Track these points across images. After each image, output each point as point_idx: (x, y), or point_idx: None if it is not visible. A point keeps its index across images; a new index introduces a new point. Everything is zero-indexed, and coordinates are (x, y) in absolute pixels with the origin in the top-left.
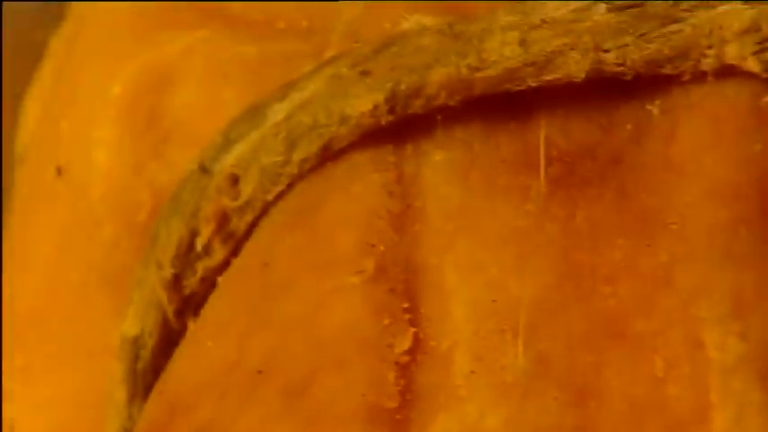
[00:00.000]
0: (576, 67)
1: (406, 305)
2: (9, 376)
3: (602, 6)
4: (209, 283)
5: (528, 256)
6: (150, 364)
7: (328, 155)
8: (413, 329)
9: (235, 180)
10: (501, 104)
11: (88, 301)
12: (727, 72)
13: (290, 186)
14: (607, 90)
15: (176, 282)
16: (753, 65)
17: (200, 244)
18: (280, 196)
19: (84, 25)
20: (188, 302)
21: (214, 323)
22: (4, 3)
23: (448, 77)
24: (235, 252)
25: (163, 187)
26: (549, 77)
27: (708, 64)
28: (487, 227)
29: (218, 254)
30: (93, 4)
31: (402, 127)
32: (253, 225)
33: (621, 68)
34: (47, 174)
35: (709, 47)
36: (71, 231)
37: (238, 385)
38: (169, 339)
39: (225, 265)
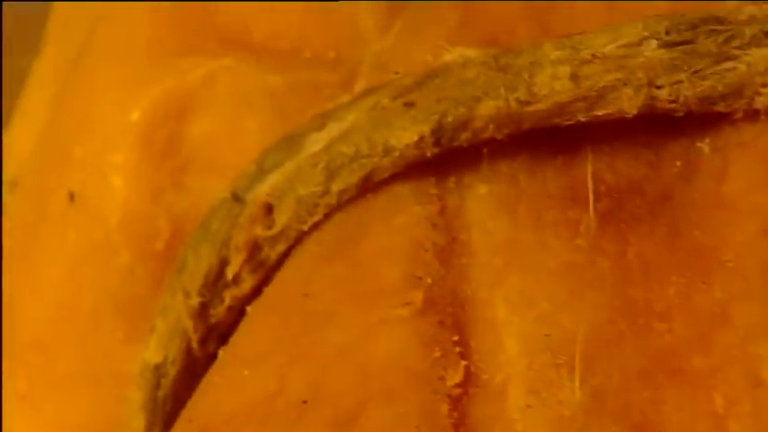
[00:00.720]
0: (628, 103)
1: (455, 338)
2: (10, 401)
3: (654, 42)
4: (235, 312)
5: (580, 291)
6: (171, 393)
7: (369, 186)
8: (464, 362)
9: (269, 209)
10: (546, 138)
11: (99, 328)
12: None
13: (327, 217)
14: (655, 126)
15: (203, 310)
16: None
17: (230, 273)
18: (316, 226)
19: (93, 50)
20: (212, 331)
21: (250, 352)
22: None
23: (497, 110)
24: (264, 281)
25: (181, 215)
26: (599, 113)
27: (761, 102)
28: (538, 261)
29: (247, 283)
30: (99, 30)
31: (444, 159)
32: (285, 255)
33: (674, 105)
34: (56, 199)
35: (764, 85)
36: (84, 257)
37: (281, 415)
38: (191, 368)
39: (253, 294)
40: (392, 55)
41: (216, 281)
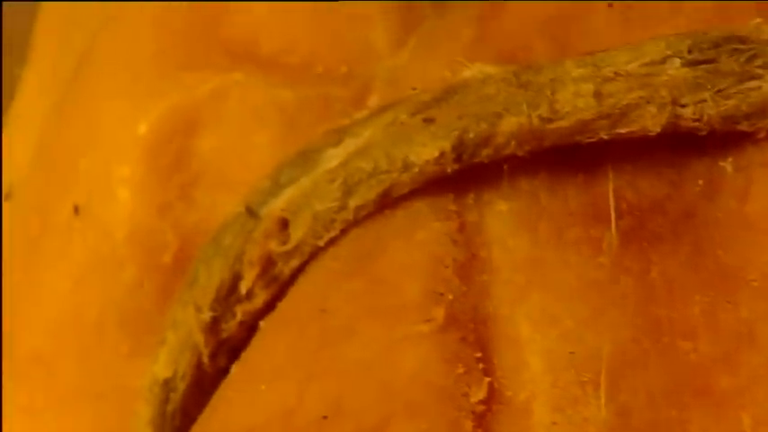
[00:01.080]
0: (651, 121)
1: (478, 355)
2: (9, 414)
3: (677, 61)
4: (246, 327)
5: (604, 309)
6: (180, 407)
7: (387, 202)
8: (487, 379)
9: (284, 224)
10: (567, 156)
11: (102, 342)
12: None
13: (343, 233)
14: (676, 145)
15: (214, 325)
16: None
17: (243, 288)
18: (332, 242)
19: (95, 61)
20: (222, 346)
21: (266, 367)
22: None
23: (519, 127)
24: (277, 297)
25: (189, 229)
26: (622, 130)
27: None
28: (560, 279)
29: (259, 298)
30: (101, 41)
31: (463, 176)
32: (299, 270)
33: (697, 124)
34: (60, 211)
35: None
36: (89, 270)
37: (300, 430)
38: (201, 383)
39: (265, 309)
40: (406, 71)
41: (228, 295)
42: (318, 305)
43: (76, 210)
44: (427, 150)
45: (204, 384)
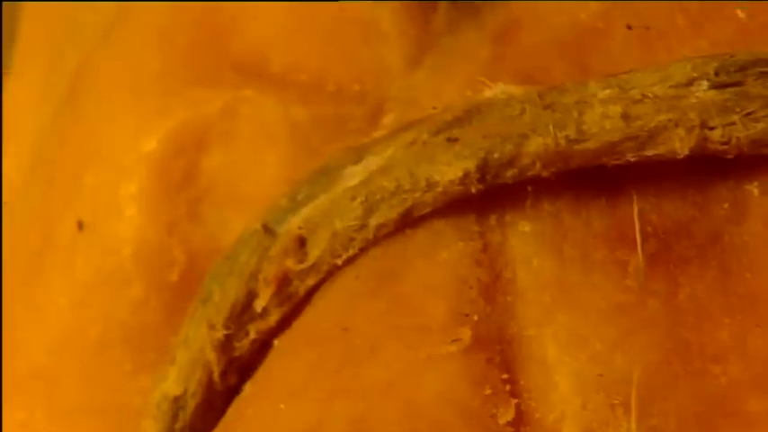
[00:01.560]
0: (679, 144)
1: (505, 376)
2: (9, 431)
3: (705, 83)
4: (258, 345)
5: (632, 331)
6: (189, 425)
7: (408, 221)
8: (515, 401)
9: (302, 242)
10: (590, 178)
11: (105, 359)
12: None
13: (362, 251)
14: (700, 167)
15: (227, 343)
16: None
17: (258, 306)
18: (350, 261)
19: (96, 76)
20: (233, 363)
21: (285, 386)
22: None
23: (545, 148)
24: (291, 315)
25: (198, 247)
26: (650, 153)
27: None
28: (587, 301)
29: (273, 316)
30: (100, 55)
31: (484, 196)
32: (314, 289)
33: (725, 147)
34: (62, 227)
35: None
36: (93, 287)
37: None
38: (210, 401)
39: (278, 327)
40: (421, 90)
41: (242, 313)
42: (340, 324)
43: (80, 226)
44: (451, 170)
45: (214, 402)
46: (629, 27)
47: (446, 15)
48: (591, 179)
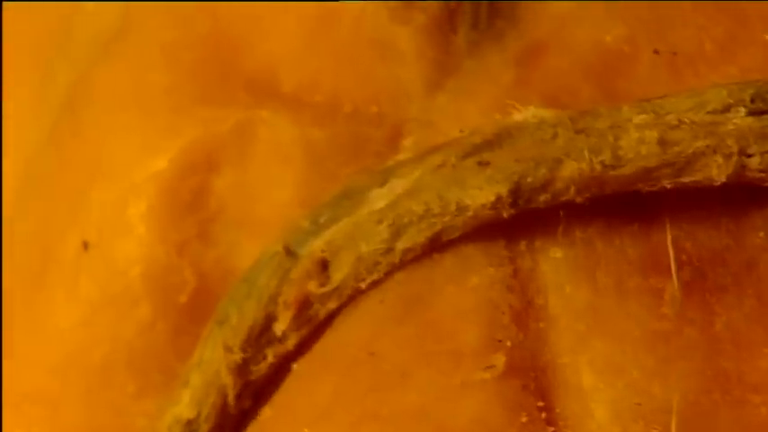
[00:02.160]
0: (717, 171)
1: (540, 403)
2: None
3: (742, 110)
4: (274, 369)
5: (670, 360)
6: None
7: (436, 245)
8: (551, 429)
9: (324, 265)
10: (621, 203)
11: (109, 381)
12: None
13: (387, 275)
14: (735, 195)
15: (244, 366)
16: None
17: (278, 329)
18: (374, 285)
19: (97, 91)
20: (248, 387)
21: (309, 410)
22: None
23: (580, 173)
24: (309, 339)
25: (208, 268)
26: (686, 179)
27: None
28: (622, 328)
29: (291, 340)
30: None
31: (514, 221)
32: (334, 312)
33: (763, 175)
34: (66, 246)
35: None
36: (98, 307)
37: None
38: (223, 424)
39: (297, 351)
40: (442, 113)
41: (259, 336)
42: (366, 348)
43: (85, 245)
44: (482, 194)
45: (226, 426)
46: (657, 51)
47: (466, 37)
48: (623, 205)
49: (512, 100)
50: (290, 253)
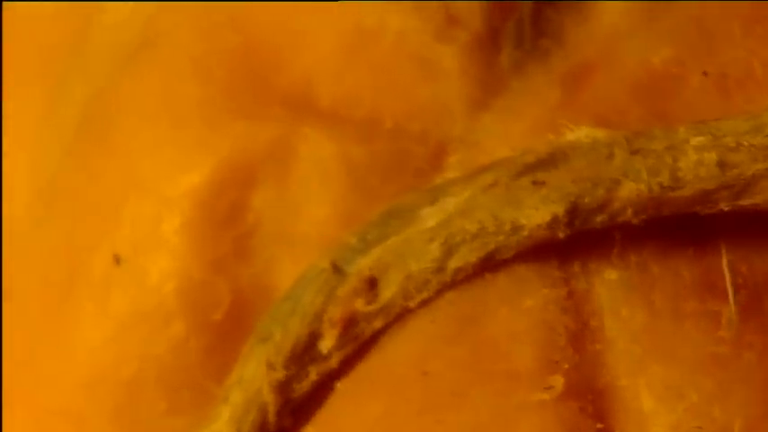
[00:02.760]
0: None
1: (600, 426)
2: None
3: None
4: (316, 387)
5: (730, 384)
6: None
7: (488, 265)
8: None
9: (373, 283)
10: (676, 226)
11: (139, 398)
12: None
13: (437, 294)
14: None
15: (287, 384)
16: None
17: (324, 347)
18: (424, 303)
19: (123, 104)
20: (288, 405)
21: (357, 429)
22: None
23: (638, 194)
24: (353, 357)
25: (244, 285)
26: (744, 202)
27: None
28: (680, 352)
29: (335, 358)
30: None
31: (568, 241)
32: (380, 331)
33: None
34: (96, 260)
35: None
36: (130, 323)
37: None
38: None
39: (340, 369)
40: (488, 132)
41: (303, 354)
42: (418, 368)
43: (117, 260)
44: (538, 214)
45: None
46: (706, 74)
47: (510, 57)
48: (677, 227)
49: (558, 119)
50: (337, 270)
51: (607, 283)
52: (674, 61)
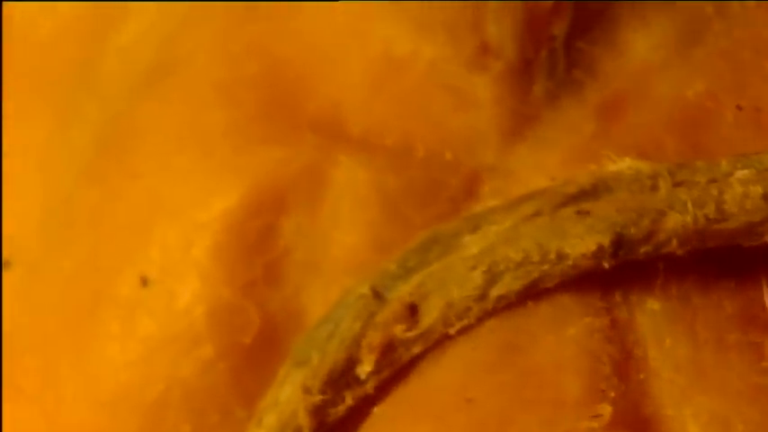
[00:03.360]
0: None
1: None
2: None
3: None
4: (351, 411)
5: None
6: None
7: (531, 294)
8: None
9: (413, 310)
10: (718, 258)
11: (163, 419)
12: None
13: (478, 322)
14: None
15: (322, 408)
16: None
17: (362, 372)
18: (464, 331)
19: (145, 132)
20: (322, 429)
21: None
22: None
23: (683, 226)
24: (390, 383)
25: (275, 310)
26: None
27: None
28: (725, 382)
29: (371, 383)
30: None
31: (610, 271)
32: (418, 357)
33: None
34: (121, 284)
35: None
36: (157, 345)
37: None
38: None
39: (376, 394)
40: (522, 162)
41: (339, 379)
42: (461, 395)
43: (144, 282)
44: (583, 243)
45: None
46: (740, 108)
47: (544, 87)
48: (718, 259)
49: (594, 151)
50: (377, 296)
51: (650, 313)
52: (707, 95)
